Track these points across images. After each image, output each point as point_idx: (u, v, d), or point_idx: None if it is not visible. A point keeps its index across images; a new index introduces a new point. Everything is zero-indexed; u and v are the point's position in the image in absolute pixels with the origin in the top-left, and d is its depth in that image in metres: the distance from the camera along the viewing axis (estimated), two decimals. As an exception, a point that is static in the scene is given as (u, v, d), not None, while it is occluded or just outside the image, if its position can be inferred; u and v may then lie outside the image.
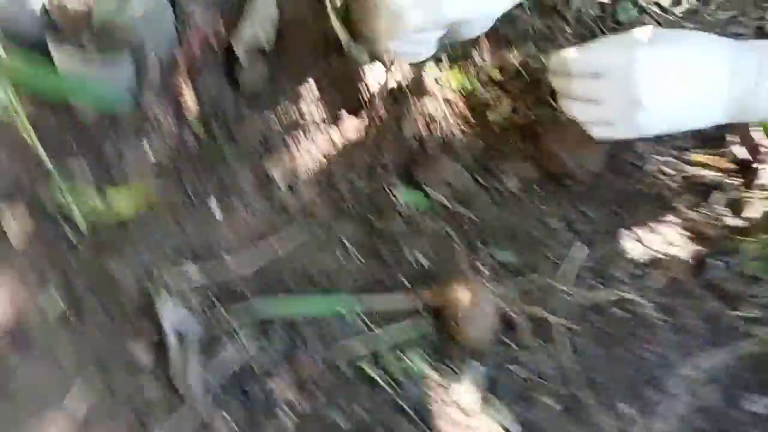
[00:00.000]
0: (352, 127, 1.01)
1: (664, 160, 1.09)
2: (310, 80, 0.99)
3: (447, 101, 1.06)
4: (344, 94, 1.02)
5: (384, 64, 1.02)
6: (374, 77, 1.02)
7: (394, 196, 0.98)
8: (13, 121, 0.81)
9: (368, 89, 1.02)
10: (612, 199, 1.04)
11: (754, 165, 1.06)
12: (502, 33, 1.15)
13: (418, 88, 1.03)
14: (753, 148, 1.07)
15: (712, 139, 1.11)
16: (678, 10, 1.24)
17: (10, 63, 0.80)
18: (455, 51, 1.11)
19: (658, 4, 1.25)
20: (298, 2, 1.01)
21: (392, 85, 1.03)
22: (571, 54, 0.85)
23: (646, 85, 0.79)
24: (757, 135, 1.07)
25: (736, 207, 1.04)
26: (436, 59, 1.09)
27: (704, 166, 1.09)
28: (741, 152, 1.09)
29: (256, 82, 0.99)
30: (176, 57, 0.91)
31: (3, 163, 0.86)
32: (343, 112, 1.01)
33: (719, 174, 1.08)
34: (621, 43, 0.83)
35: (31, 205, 0.86)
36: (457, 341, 0.88)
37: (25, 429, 0.76)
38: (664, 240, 1.01)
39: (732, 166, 1.09)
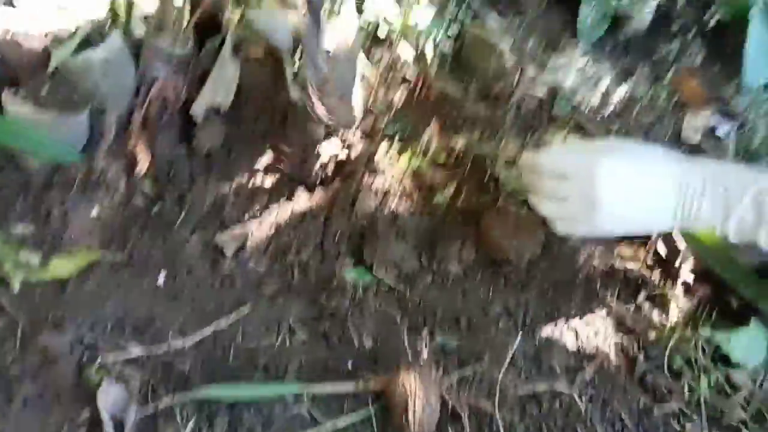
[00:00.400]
0: (304, 199, 0.99)
1: (593, 251, 1.13)
2: (265, 148, 0.97)
3: (397, 180, 1.07)
4: (298, 165, 1.00)
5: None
6: (329, 151, 1.01)
7: (343, 274, 0.96)
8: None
9: (322, 162, 1.01)
10: (547, 288, 1.07)
11: (676, 264, 1.13)
12: (449, 118, 1.18)
13: (370, 165, 1.03)
14: (672, 251, 1.14)
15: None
16: (607, 111, 1.32)
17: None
18: (405, 132, 1.13)
19: (589, 104, 1.32)
20: (258, 69, 1.00)
21: (345, 159, 1.02)
22: (541, 155, 0.91)
23: (604, 189, 0.86)
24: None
25: (660, 302, 1.09)
26: (389, 139, 1.10)
27: (630, 259, 1.15)
28: (663, 249, 1.15)
29: (210, 142, 0.96)
30: (132, 111, 0.87)
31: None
32: (297, 183, 0.99)
33: (644, 269, 1.14)
34: (586, 150, 0.91)
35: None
36: (401, 431, 0.86)
37: None
38: (595, 332, 1.04)
39: (655, 261, 1.15)
